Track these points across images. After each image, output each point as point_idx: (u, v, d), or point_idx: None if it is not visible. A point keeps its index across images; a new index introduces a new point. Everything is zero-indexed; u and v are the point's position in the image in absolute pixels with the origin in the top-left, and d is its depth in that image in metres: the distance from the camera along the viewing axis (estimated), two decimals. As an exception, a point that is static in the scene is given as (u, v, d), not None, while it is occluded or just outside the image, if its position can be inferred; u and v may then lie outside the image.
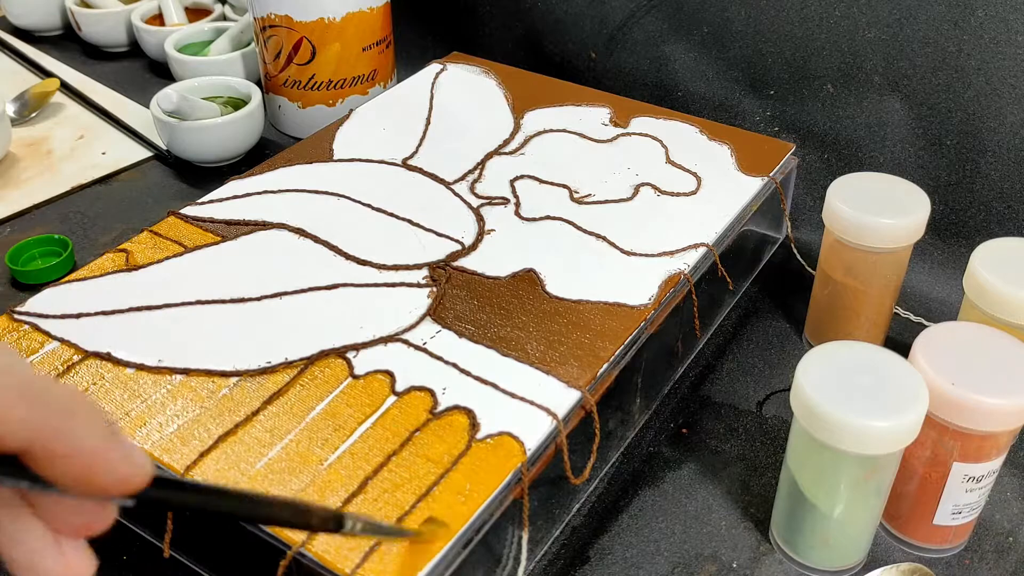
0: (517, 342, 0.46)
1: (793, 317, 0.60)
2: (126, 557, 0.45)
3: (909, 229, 0.50)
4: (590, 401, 0.43)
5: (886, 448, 0.39)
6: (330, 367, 0.45)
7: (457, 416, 0.42)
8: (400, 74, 0.82)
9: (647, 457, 0.51)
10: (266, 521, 0.26)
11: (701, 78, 0.73)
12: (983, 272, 0.47)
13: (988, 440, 0.41)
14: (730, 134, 0.63)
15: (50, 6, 0.96)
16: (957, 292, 0.61)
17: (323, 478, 0.39)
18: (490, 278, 0.51)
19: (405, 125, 0.65)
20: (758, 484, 0.49)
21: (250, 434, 0.41)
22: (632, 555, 0.45)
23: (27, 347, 0.46)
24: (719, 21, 0.70)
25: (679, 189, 0.58)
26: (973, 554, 0.46)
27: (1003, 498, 0.48)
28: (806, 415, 0.39)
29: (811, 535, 0.43)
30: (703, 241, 0.53)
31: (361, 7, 0.73)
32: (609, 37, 0.76)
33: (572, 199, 0.57)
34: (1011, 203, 0.61)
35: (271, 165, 0.60)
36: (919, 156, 0.64)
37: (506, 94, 0.68)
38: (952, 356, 0.41)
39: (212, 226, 0.54)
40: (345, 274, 0.51)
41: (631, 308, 0.48)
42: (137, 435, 0.41)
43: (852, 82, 0.65)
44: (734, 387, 0.55)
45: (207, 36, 0.88)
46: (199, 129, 0.72)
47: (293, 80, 0.75)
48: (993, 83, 0.59)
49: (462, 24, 0.87)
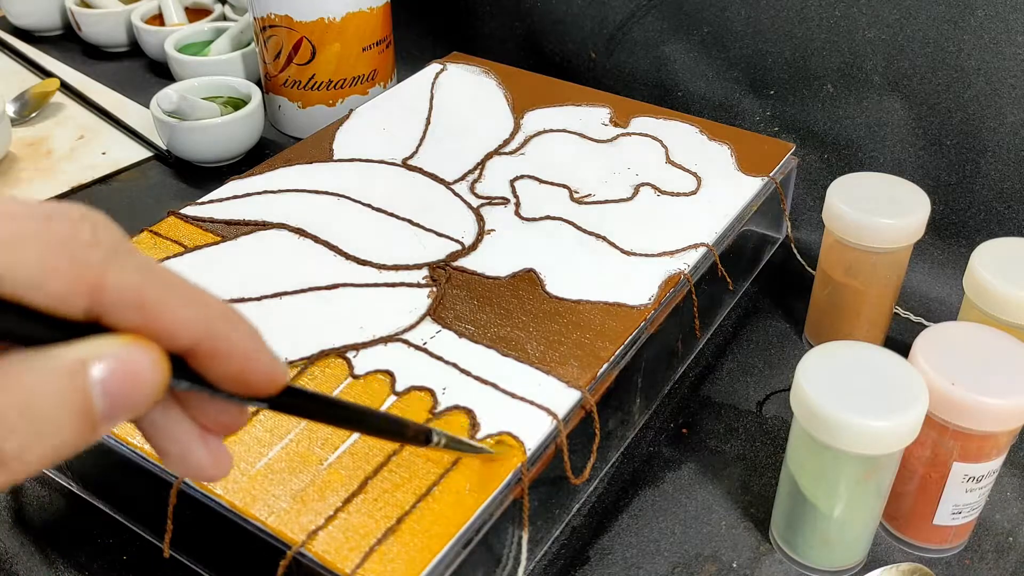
0: (517, 342, 0.46)
1: (793, 317, 0.60)
2: (126, 557, 0.45)
3: (909, 229, 0.50)
4: (590, 401, 0.43)
5: (886, 448, 0.39)
6: (330, 367, 0.45)
7: (457, 416, 0.42)
8: (400, 74, 0.82)
9: (647, 457, 0.51)
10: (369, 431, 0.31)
11: (701, 78, 0.73)
12: (983, 272, 0.47)
13: (988, 440, 0.41)
14: (730, 134, 0.63)
15: (50, 6, 0.96)
16: (957, 292, 0.61)
17: (323, 478, 0.39)
18: (490, 278, 0.51)
19: (405, 125, 0.65)
20: (758, 484, 0.49)
21: (250, 434, 0.41)
22: (632, 555, 0.45)
23: (27, 347, 0.45)
24: (719, 21, 0.70)
25: (679, 189, 0.58)
26: (973, 554, 0.46)
27: (1003, 498, 0.48)
28: (806, 415, 0.39)
29: (811, 535, 0.43)
30: (703, 241, 0.53)
31: (361, 7, 0.73)
32: (609, 37, 0.76)
33: (572, 199, 0.57)
34: (1011, 203, 0.61)
35: (271, 165, 0.60)
36: (919, 156, 0.64)
37: (506, 94, 0.68)
38: (952, 356, 0.41)
39: (212, 226, 0.54)
40: (345, 274, 0.51)
41: (631, 308, 0.48)
42: (137, 435, 0.41)
43: (852, 82, 0.65)
44: (734, 387, 0.55)
45: (207, 36, 0.88)
46: (199, 129, 0.72)
47: (293, 80, 0.75)
48: (993, 83, 0.59)
49: (462, 24, 0.87)
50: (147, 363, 0.21)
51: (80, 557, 0.45)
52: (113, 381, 0.20)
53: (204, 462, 0.24)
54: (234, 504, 0.38)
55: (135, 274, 0.21)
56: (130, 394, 0.20)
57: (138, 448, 0.41)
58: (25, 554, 0.45)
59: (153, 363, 0.21)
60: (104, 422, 0.20)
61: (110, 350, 0.20)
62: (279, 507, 0.38)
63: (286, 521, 0.37)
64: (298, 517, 0.37)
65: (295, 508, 0.38)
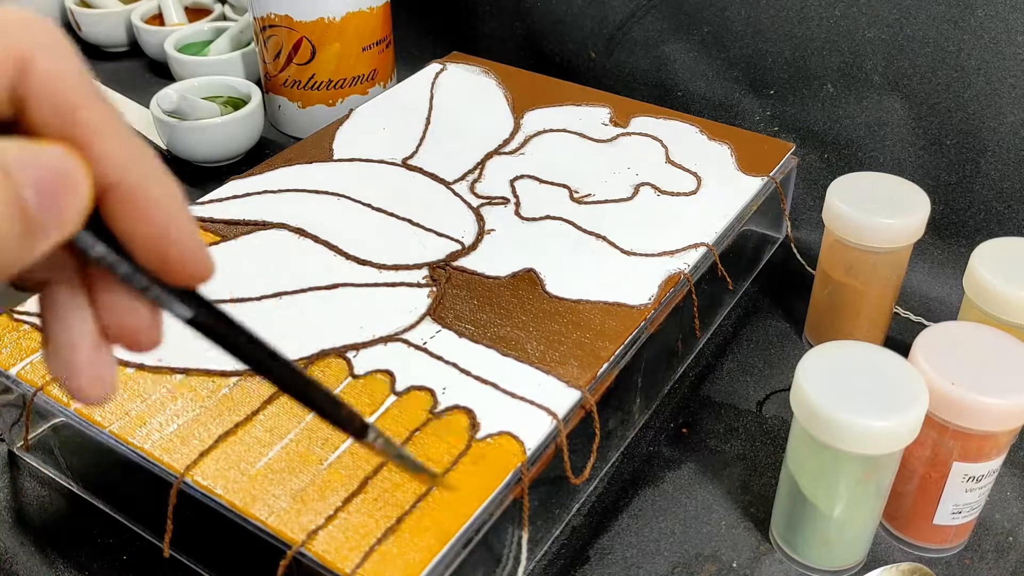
0: (517, 342, 0.46)
1: (793, 317, 0.60)
2: (126, 557, 0.45)
3: (909, 229, 0.50)
4: (590, 401, 0.43)
5: (886, 448, 0.39)
6: (330, 367, 0.45)
7: (457, 416, 0.42)
8: (400, 74, 0.82)
9: (647, 457, 0.51)
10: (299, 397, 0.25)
11: (701, 78, 0.73)
12: (983, 272, 0.47)
13: (988, 440, 0.41)
14: (730, 134, 0.63)
15: (50, 6, 0.96)
16: (957, 292, 0.61)
17: (323, 478, 0.39)
18: (490, 278, 0.51)
19: (405, 125, 0.65)
20: (758, 484, 0.49)
21: (250, 434, 0.41)
22: (632, 555, 0.45)
23: (27, 347, 0.46)
24: (719, 21, 0.70)
25: (679, 189, 0.58)
26: (973, 554, 0.46)
27: (1003, 498, 0.48)
28: (806, 415, 0.39)
29: (811, 535, 0.43)
30: (703, 241, 0.53)
31: (361, 7, 0.73)
32: (609, 37, 0.76)
33: (572, 199, 0.57)
34: (1011, 203, 0.61)
35: (271, 165, 0.60)
36: (919, 156, 0.64)
37: (506, 94, 0.68)
38: (952, 356, 0.41)
39: (212, 226, 0.54)
40: (345, 274, 0.51)
41: (631, 308, 0.48)
42: (137, 435, 0.41)
43: (852, 82, 0.65)
44: (734, 387, 0.55)
45: (207, 36, 0.88)
46: (199, 129, 0.72)
47: (293, 80, 0.75)
48: (993, 83, 0.59)
49: (462, 24, 0.87)
50: (76, 167, 0.19)
51: (80, 557, 0.45)
52: (42, 178, 0.18)
53: (85, 370, 0.21)
54: (234, 504, 0.38)
55: (70, 67, 0.19)
56: (61, 196, 0.18)
57: (138, 448, 0.41)
58: (25, 554, 0.45)
59: (82, 170, 0.19)
60: (36, 226, 0.18)
61: (35, 147, 0.18)
62: (279, 507, 0.38)
63: (286, 521, 0.37)
64: (298, 517, 0.37)
65: (295, 508, 0.38)
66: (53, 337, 0.21)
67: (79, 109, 0.19)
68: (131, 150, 0.20)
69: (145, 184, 0.20)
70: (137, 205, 0.20)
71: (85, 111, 0.19)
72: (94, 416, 0.42)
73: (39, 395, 0.43)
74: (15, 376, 0.44)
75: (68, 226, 0.19)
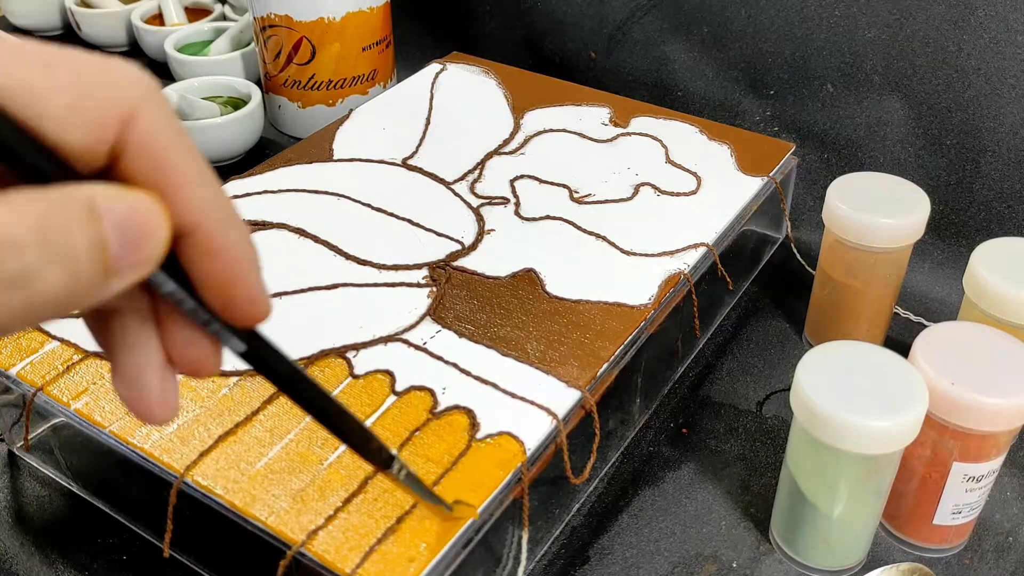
0: (517, 342, 0.46)
1: (793, 317, 0.60)
2: (126, 557, 0.45)
3: (909, 229, 0.50)
4: (590, 401, 0.43)
5: (886, 448, 0.39)
6: (330, 367, 0.45)
7: (457, 416, 0.42)
8: (400, 74, 0.82)
9: (647, 457, 0.51)
10: (332, 426, 0.27)
11: (701, 78, 0.73)
12: (983, 272, 0.47)
13: (988, 440, 0.41)
14: (730, 134, 0.63)
15: (50, 6, 0.96)
16: (957, 292, 0.61)
17: (323, 478, 0.39)
18: (490, 278, 0.51)
19: (405, 125, 0.65)
20: (758, 484, 0.49)
21: (250, 434, 0.41)
22: (632, 555, 0.45)
23: (27, 347, 0.46)
24: (719, 21, 0.70)
25: (679, 189, 0.58)
26: (973, 554, 0.46)
27: (1003, 498, 0.48)
28: (806, 415, 0.39)
29: (811, 535, 0.43)
30: (703, 241, 0.53)
31: (361, 7, 0.73)
32: (609, 37, 0.76)
33: (572, 199, 0.57)
34: (1011, 203, 0.61)
35: (271, 165, 0.60)
36: (919, 156, 0.64)
37: (506, 94, 0.68)
38: (952, 356, 0.41)
39: (212, 226, 0.54)
40: (345, 274, 0.51)
41: (631, 308, 0.48)
42: (137, 435, 0.41)
43: (852, 82, 0.65)
44: (734, 387, 0.55)
45: (207, 36, 0.88)
46: (199, 129, 0.72)
47: (293, 80, 0.75)
48: (993, 83, 0.59)
49: (462, 24, 0.87)
50: (159, 215, 0.20)
51: (80, 557, 0.45)
52: (127, 222, 0.19)
53: (154, 394, 0.23)
54: (234, 504, 0.38)
55: (168, 122, 0.20)
56: (142, 240, 0.20)
57: (138, 448, 0.41)
58: (25, 554, 0.45)
59: (164, 218, 0.20)
60: (116, 266, 0.19)
61: (124, 192, 0.20)
62: (279, 507, 0.38)
63: (286, 521, 0.37)
64: (298, 517, 0.37)
65: (295, 508, 0.38)
66: (121, 362, 0.23)
67: (172, 160, 0.20)
68: (213, 198, 0.21)
69: (223, 231, 0.21)
70: (213, 250, 0.21)
71: (177, 162, 0.20)
72: (94, 416, 0.42)
73: (39, 395, 0.43)
74: (15, 376, 0.44)
75: (144, 268, 0.20)
